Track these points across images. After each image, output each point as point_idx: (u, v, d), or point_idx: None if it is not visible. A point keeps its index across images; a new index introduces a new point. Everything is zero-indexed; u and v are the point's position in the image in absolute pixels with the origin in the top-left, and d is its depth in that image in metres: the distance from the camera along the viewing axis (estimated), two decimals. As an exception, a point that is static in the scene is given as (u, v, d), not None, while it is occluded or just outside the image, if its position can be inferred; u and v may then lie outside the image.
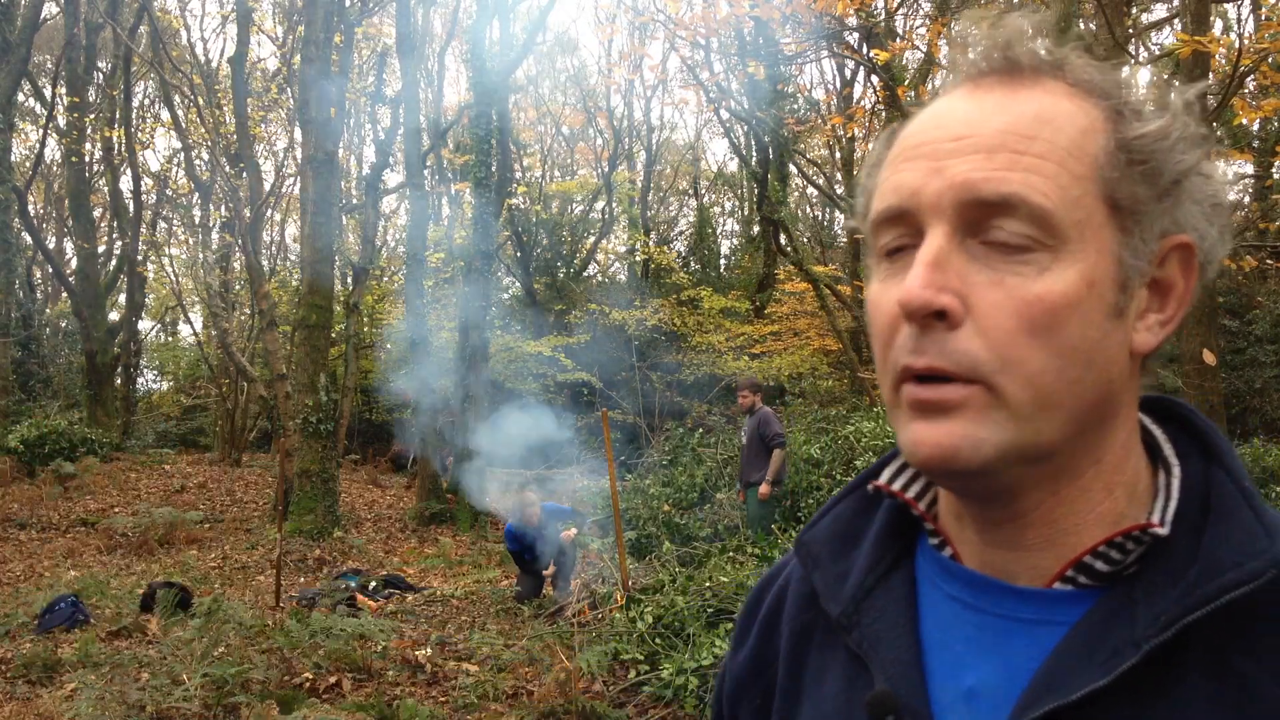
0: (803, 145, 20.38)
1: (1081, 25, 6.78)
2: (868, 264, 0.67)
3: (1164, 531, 0.59)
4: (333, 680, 5.04)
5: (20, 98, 19.23)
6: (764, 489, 7.15)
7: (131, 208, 19.50)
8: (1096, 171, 0.59)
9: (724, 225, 29.07)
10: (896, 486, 0.71)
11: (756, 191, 18.61)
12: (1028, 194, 0.57)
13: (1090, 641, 0.59)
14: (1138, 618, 0.58)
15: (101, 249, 21.56)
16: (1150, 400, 0.68)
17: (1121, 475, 0.63)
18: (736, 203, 28.29)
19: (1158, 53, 13.61)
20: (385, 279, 22.02)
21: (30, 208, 18.98)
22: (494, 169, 13.22)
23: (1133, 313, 0.61)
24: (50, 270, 21.69)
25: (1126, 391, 0.62)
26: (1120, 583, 0.60)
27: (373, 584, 8.21)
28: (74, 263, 20.85)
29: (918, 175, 0.60)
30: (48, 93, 19.18)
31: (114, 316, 20.93)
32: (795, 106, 18.67)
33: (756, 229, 21.21)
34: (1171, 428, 0.67)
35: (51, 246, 23.10)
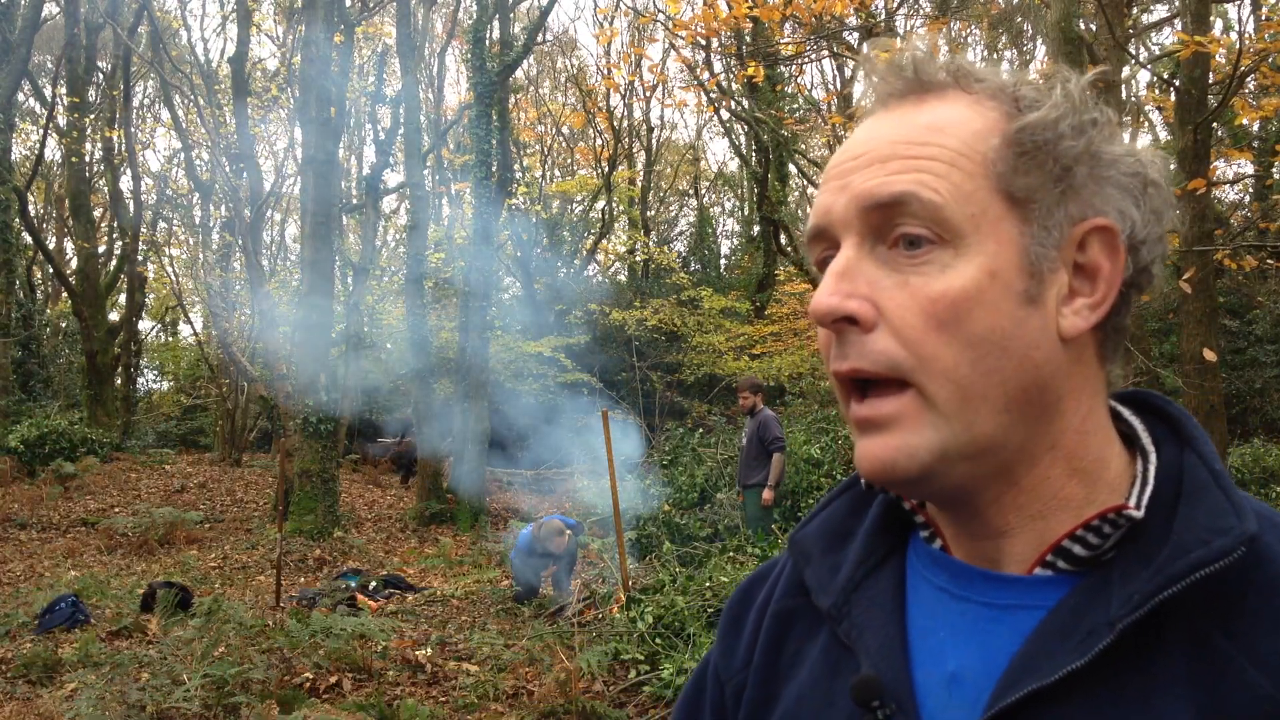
0: (803, 145, 20.38)
1: (1082, 25, 6.78)
2: None
3: (1138, 514, 0.61)
4: (333, 680, 5.05)
5: (20, 98, 19.24)
6: (768, 495, 7.09)
7: (131, 208, 19.51)
8: (988, 167, 0.61)
9: (724, 225, 29.11)
10: None
11: (756, 191, 18.62)
12: (918, 190, 0.60)
13: (1067, 624, 0.60)
14: (1113, 599, 0.59)
15: (101, 249, 21.56)
16: (1126, 394, 0.70)
17: (1082, 460, 0.64)
18: (736, 203, 28.32)
19: (1158, 53, 13.62)
20: (385, 279, 22.02)
21: (30, 208, 18.98)
22: (494, 169, 13.22)
23: (1053, 298, 0.62)
24: (50, 270, 21.69)
25: (1072, 376, 0.63)
26: (1098, 567, 0.62)
27: (373, 584, 8.21)
28: (74, 263, 20.86)
29: (830, 195, 0.65)
30: (48, 93, 19.20)
31: (114, 316, 20.94)
32: (795, 106, 18.68)
33: (756, 229, 21.21)
34: (1148, 418, 0.69)
35: (51, 246, 23.10)
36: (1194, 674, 0.57)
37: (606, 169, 22.56)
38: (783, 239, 16.69)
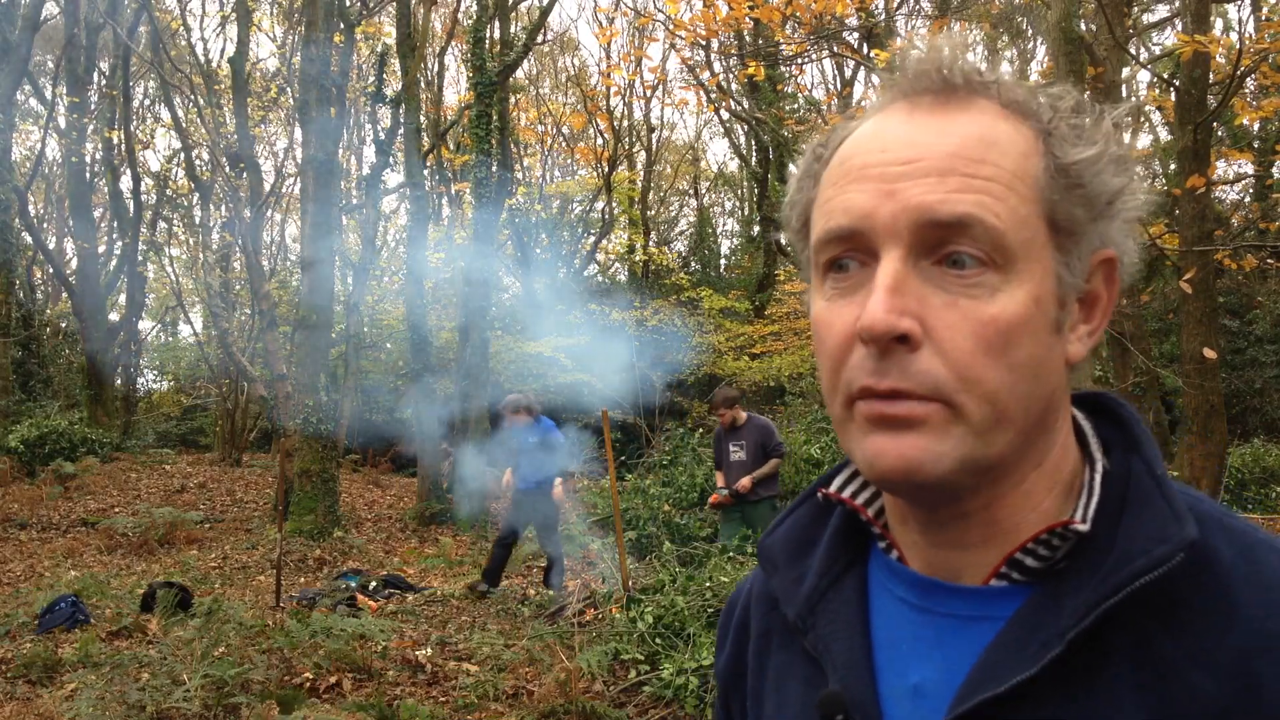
0: (803, 145, 20.34)
1: (1082, 25, 6.78)
2: (808, 278, 0.69)
3: (1084, 528, 0.62)
4: (333, 680, 5.04)
5: (20, 98, 19.23)
6: (745, 482, 6.82)
7: (131, 208, 19.49)
8: (1039, 193, 0.61)
9: (724, 225, 29.10)
10: (847, 494, 0.74)
11: (756, 191, 18.62)
12: (982, 214, 0.59)
13: (1021, 634, 0.61)
14: (1064, 609, 0.60)
15: (101, 249, 21.55)
16: (1083, 395, 0.71)
17: (1060, 474, 0.66)
18: (736, 203, 28.32)
19: (1158, 53, 13.61)
20: (385, 279, 22.02)
21: (30, 208, 18.98)
22: (494, 169, 13.21)
23: (1068, 326, 0.64)
24: (50, 270, 21.69)
25: (1064, 397, 0.66)
26: (1051, 577, 0.63)
27: (373, 584, 8.21)
28: (74, 263, 20.86)
29: (869, 197, 0.62)
30: (48, 93, 19.20)
31: (114, 316, 20.92)
32: (795, 106, 18.68)
33: (756, 229, 21.20)
34: (1100, 420, 0.70)
35: (51, 246, 23.09)
36: (1142, 679, 0.58)
37: (606, 169, 22.55)
38: (783, 239, 16.70)
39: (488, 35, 13.62)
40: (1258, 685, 0.56)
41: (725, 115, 19.03)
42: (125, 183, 20.45)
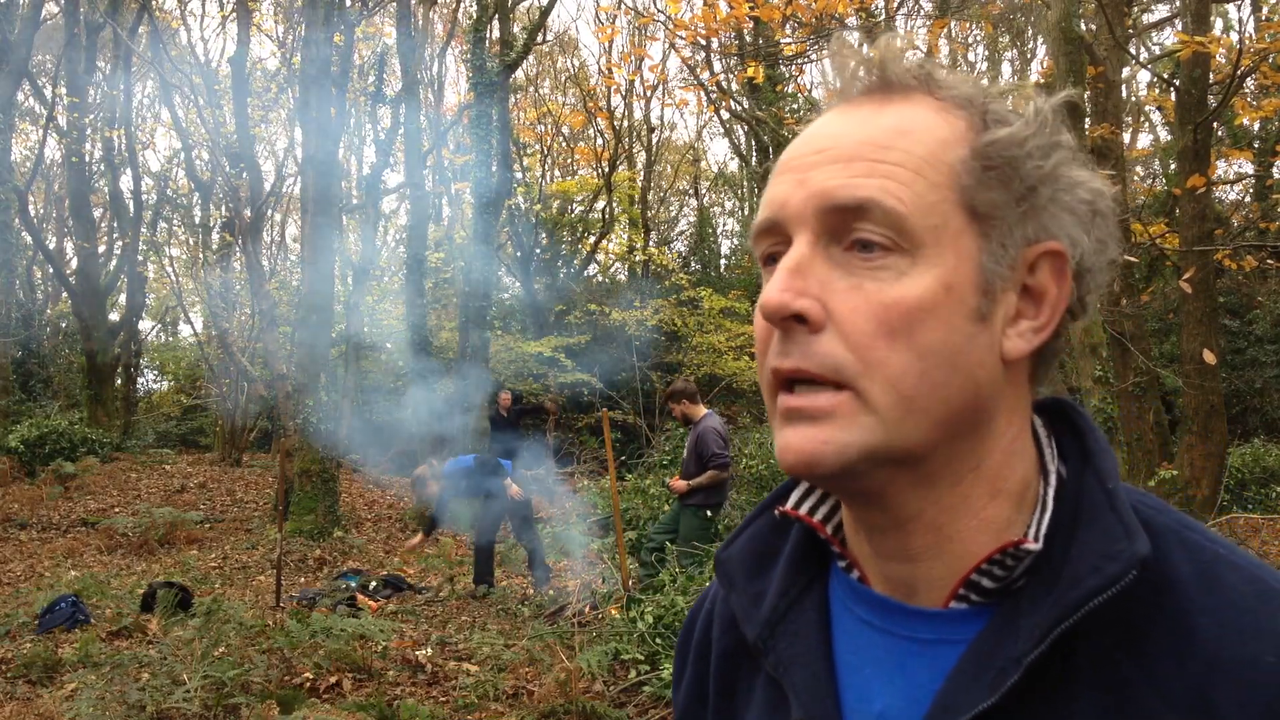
0: (803, 145, 20.30)
1: (1082, 25, 6.77)
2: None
3: (1036, 546, 0.60)
4: (333, 680, 5.04)
5: (20, 98, 19.23)
6: (677, 483, 6.48)
7: (131, 208, 19.49)
8: (954, 179, 0.60)
9: (724, 225, 29.07)
10: (805, 508, 0.72)
11: (756, 191, 18.61)
12: (881, 198, 0.59)
13: (981, 661, 0.59)
14: (1020, 633, 0.58)
15: (101, 249, 21.54)
16: (1046, 402, 0.69)
17: (1006, 482, 0.63)
18: (736, 203, 28.30)
19: (1158, 53, 13.62)
20: (385, 279, 22.01)
21: (30, 208, 18.98)
22: (494, 169, 13.22)
23: (1000, 318, 0.61)
24: (50, 270, 21.67)
25: (1006, 397, 0.63)
26: (1009, 596, 0.61)
27: (373, 584, 8.21)
28: (74, 263, 20.85)
29: (785, 188, 0.63)
30: (48, 93, 19.19)
31: (114, 316, 20.92)
32: (795, 107, 18.67)
33: (756, 229, 21.15)
34: (1061, 429, 0.68)
35: (51, 246, 23.06)
36: (1105, 707, 0.57)
37: (606, 169, 22.55)
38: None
39: (488, 35, 13.62)
40: (1213, 712, 0.55)
41: (725, 115, 19.04)
42: (125, 183, 20.47)
